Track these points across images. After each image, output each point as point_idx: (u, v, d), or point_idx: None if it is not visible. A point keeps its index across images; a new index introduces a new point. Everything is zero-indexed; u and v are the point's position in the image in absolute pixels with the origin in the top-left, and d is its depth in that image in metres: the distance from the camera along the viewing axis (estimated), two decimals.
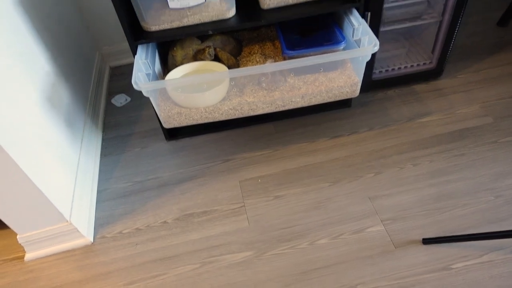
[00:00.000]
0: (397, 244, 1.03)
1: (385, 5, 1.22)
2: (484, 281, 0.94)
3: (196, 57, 1.25)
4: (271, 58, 1.29)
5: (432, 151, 1.26)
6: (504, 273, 0.95)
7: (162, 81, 1.02)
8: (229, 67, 1.27)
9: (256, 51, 1.32)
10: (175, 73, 1.20)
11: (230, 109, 1.13)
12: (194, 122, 1.14)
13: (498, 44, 1.63)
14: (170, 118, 1.12)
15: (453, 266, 0.98)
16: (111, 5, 1.60)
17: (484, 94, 1.42)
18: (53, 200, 1.00)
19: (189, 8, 1.11)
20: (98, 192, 1.26)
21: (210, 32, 1.14)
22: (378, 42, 1.02)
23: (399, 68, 1.46)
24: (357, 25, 1.12)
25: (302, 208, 1.14)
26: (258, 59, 1.27)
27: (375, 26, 1.25)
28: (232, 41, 1.31)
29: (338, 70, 1.17)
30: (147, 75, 1.11)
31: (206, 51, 1.23)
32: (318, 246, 1.05)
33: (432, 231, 1.05)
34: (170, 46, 1.26)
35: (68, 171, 1.13)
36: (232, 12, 1.16)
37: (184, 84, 1.03)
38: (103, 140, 1.45)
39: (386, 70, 1.45)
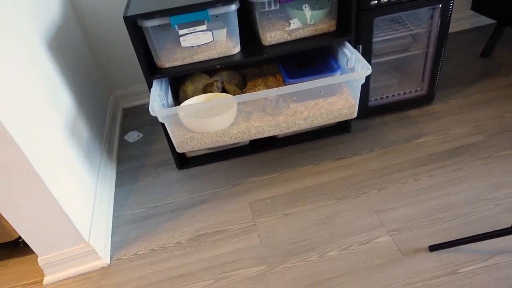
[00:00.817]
0: (404, 252, 1.07)
1: (374, 39, 1.36)
2: (491, 283, 0.96)
3: (205, 90, 1.37)
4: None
5: (431, 168, 1.32)
6: (510, 275, 0.97)
7: (176, 107, 1.13)
8: None
9: (259, 84, 1.45)
10: (187, 103, 1.31)
11: (239, 132, 1.22)
12: (206, 146, 1.23)
13: (483, 72, 1.76)
14: (183, 143, 1.21)
15: (460, 271, 1.00)
16: (121, 51, 1.77)
17: (475, 116, 1.52)
18: (74, 221, 1.06)
19: (199, 46, 1.26)
20: (114, 218, 1.32)
21: (218, 66, 1.26)
22: (370, 67, 1.13)
23: (393, 95, 1.57)
24: (350, 54, 1.25)
25: (311, 224, 1.19)
26: (262, 90, 1.39)
27: (367, 58, 1.38)
28: (237, 76, 1.44)
29: (336, 95, 1.28)
30: (162, 105, 1.22)
31: (214, 84, 1.35)
32: (328, 258, 1.09)
33: (437, 239, 1.09)
34: (182, 82, 1.39)
35: (87, 198, 1.20)
36: (237, 49, 1.30)
37: (196, 110, 1.14)
38: (117, 172, 1.53)
39: (381, 98, 1.56)
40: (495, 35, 1.79)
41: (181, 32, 1.20)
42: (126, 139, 1.70)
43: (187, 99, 1.36)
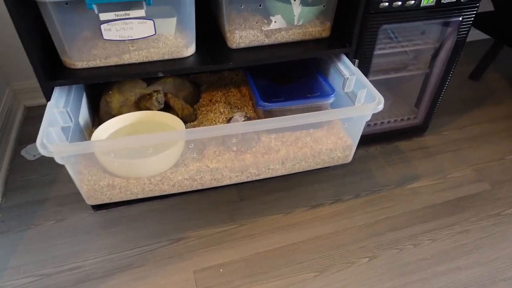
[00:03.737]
0: None
1: (375, 52, 1.03)
2: None
3: (140, 104, 0.94)
4: (239, 109, 1.02)
5: (431, 227, 1.04)
6: None
7: (85, 143, 0.69)
8: (184, 119, 0.97)
9: (218, 99, 1.05)
10: (108, 127, 0.87)
11: (186, 179, 0.82)
12: (134, 197, 0.81)
13: (475, 99, 1.53)
14: (98, 192, 0.78)
15: None
16: None
17: (474, 155, 1.26)
18: None
19: (132, 41, 0.82)
20: None
21: (160, 75, 0.84)
22: (382, 99, 0.79)
23: (382, 123, 1.26)
24: (348, 74, 0.90)
25: None
26: (222, 110, 0.99)
27: (364, 73, 1.04)
28: (187, 85, 1.02)
29: (324, 128, 0.93)
30: (65, 129, 0.77)
31: (154, 98, 0.93)
32: None
33: None
34: (104, 89, 0.94)
35: None
36: (191, 50, 0.88)
37: (119, 147, 0.71)
38: (0, 209, 1.05)
39: (368, 125, 1.25)
40: (490, 54, 1.57)
41: (103, 16, 0.76)
42: (23, 155, 1.21)
43: (111, 115, 0.92)
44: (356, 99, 0.87)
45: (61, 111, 0.77)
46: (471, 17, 1.03)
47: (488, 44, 1.58)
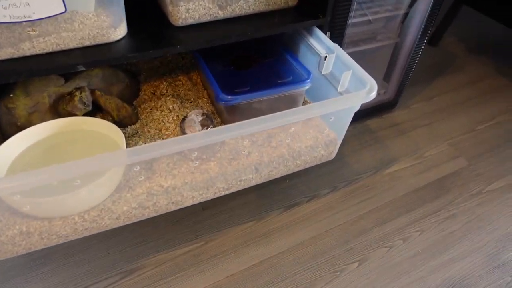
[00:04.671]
0: None
1: (350, 21, 0.87)
2: None
3: (58, 108, 0.70)
4: (191, 102, 0.81)
5: (417, 216, 0.95)
6: None
7: None
8: (121, 122, 0.75)
9: (164, 91, 0.83)
10: (13, 145, 0.63)
11: (134, 208, 0.62)
12: (63, 240, 0.60)
13: (436, 65, 1.45)
14: (7, 245, 0.55)
15: None
16: None
17: (446, 128, 1.19)
18: None
19: (32, 22, 0.57)
20: None
21: (81, 68, 0.61)
22: (375, 84, 0.64)
23: None
24: (325, 52, 0.73)
25: None
26: (170, 106, 0.78)
27: None
28: (121, 76, 0.79)
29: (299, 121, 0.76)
30: None
31: (77, 98, 0.69)
32: None
33: None
34: (3, 91, 0.68)
35: None
36: (120, 31, 0.65)
37: (29, 186, 0.48)
38: None
39: None
40: (449, 17, 1.49)
41: None
42: None
43: (18, 126, 0.68)
44: (339, 83, 0.70)
45: None
46: None
47: (444, 8, 1.50)
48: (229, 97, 0.69)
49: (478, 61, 1.49)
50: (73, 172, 0.48)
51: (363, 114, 1.18)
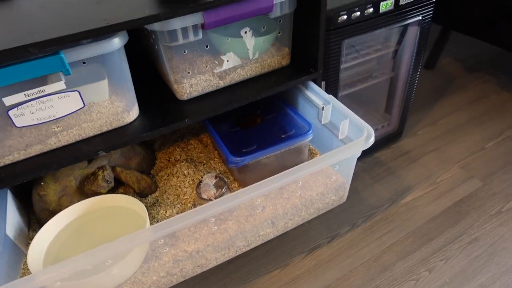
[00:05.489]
0: None
1: (342, 66, 0.92)
2: None
3: (84, 189, 0.76)
4: (204, 164, 0.87)
5: (439, 244, 0.95)
6: None
7: (18, 282, 0.51)
8: (142, 193, 0.81)
9: (178, 157, 0.89)
10: (48, 231, 0.69)
11: (162, 277, 0.65)
12: None
13: (435, 90, 1.49)
14: None
15: None
16: None
17: (455, 150, 1.21)
18: None
19: (57, 120, 0.65)
20: None
21: (102, 154, 0.67)
22: (371, 131, 0.68)
23: None
24: (322, 104, 0.79)
25: None
26: (185, 171, 0.84)
27: (333, 93, 0.93)
28: (138, 149, 0.85)
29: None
30: None
31: (100, 177, 0.75)
32: None
33: None
34: (34, 181, 0.75)
35: None
36: (133, 113, 0.72)
37: (66, 275, 0.53)
38: None
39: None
40: (440, 41, 1.54)
41: (8, 101, 0.58)
42: None
43: (49, 212, 0.74)
44: (339, 131, 0.75)
45: None
46: (430, 13, 0.96)
47: (434, 31, 1.56)
48: (238, 159, 0.74)
49: (478, 78, 1.52)
50: (105, 256, 0.53)
51: (371, 148, 1.19)
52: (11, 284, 0.51)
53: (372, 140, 0.67)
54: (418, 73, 1.10)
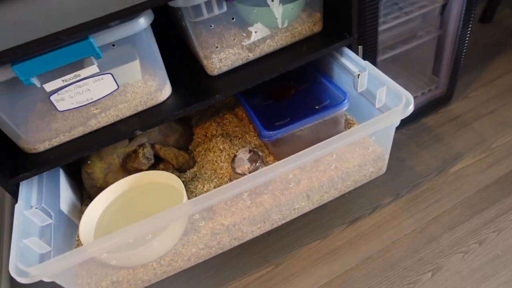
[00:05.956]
0: None
1: (380, 28, 0.86)
2: None
3: (127, 165, 0.80)
4: (239, 138, 0.87)
5: (492, 215, 0.89)
6: None
7: (67, 256, 0.56)
8: (181, 168, 0.83)
9: (214, 132, 0.90)
10: (96, 206, 0.74)
11: (201, 249, 0.68)
12: (147, 284, 0.68)
13: (491, 46, 1.35)
14: None
15: None
16: None
17: (511, 113, 1.10)
18: None
19: (95, 103, 0.68)
20: None
21: (138, 133, 0.70)
22: (411, 98, 0.64)
23: None
24: (358, 71, 0.74)
25: None
26: (221, 146, 0.85)
27: (371, 57, 0.88)
28: (175, 126, 0.88)
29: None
30: (44, 228, 0.64)
31: (140, 155, 0.79)
32: None
33: None
34: (83, 160, 0.80)
35: None
36: (166, 91, 0.73)
37: (112, 248, 0.57)
38: None
39: None
40: None
41: (48, 87, 0.61)
42: None
43: (97, 188, 0.79)
44: (376, 99, 0.71)
45: (33, 211, 0.63)
46: None
47: None
48: (271, 132, 0.73)
49: None
50: (144, 230, 0.56)
51: (417, 113, 1.14)
52: (64, 255, 0.56)
53: (411, 108, 0.62)
54: (469, 29, 1.00)
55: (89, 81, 0.65)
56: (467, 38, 1.01)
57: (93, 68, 0.63)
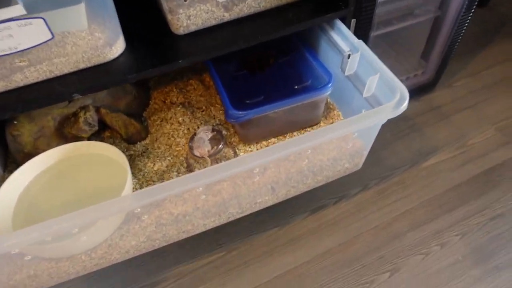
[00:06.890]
0: None
1: (378, 1, 0.75)
2: None
3: (63, 130, 0.67)
4: (203, 111, 0.75)
5: (458, 217, 0.86)
6: None
7: None
8: (130, 139, 0.71)
9: (175, 99, 0.78)
10: (21, 177, 0.61)
11: (142, 242, 0.59)
12: (74, 276, 0.59)
13: (484, 33, 1.27)
14: (17, 287, 0.55)
15: None
16: None
17: (494, 109, 1.05)
18: None
19: (21, 53, 0.53)
20: None
21: (77, 97, 0.57)
22: (406, 93, 0.55)
23: None
24: (349, 50, 0.64)
25: None
26: (180, 118, 0.73)
27: (363, 33, 0.77)
28: (129, 88, 0.74)
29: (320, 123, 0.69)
30: None
31: (81, 119, 0.65)
32: None
33: None
34: (7, 121, 0.66)
35: None
36: (118, 48, 0.59)
37: (32, 241, 0.46)
38: None
39: None
40: None
41: None
42: None
43: (25, 153, 0.66)
44: (365, 88, 0.61)
45: None
46: None
47: None
48: (240, 112, 0.62)
49: None
50: (73, 225, 0.45)
51: None
52: None
53: (404, 106, 0.54)
54: (472, 12, 0.90)
55: (12, 25, 0.50)
56: (467, 22, 0.92)
57: (17, 9, 0.48)
